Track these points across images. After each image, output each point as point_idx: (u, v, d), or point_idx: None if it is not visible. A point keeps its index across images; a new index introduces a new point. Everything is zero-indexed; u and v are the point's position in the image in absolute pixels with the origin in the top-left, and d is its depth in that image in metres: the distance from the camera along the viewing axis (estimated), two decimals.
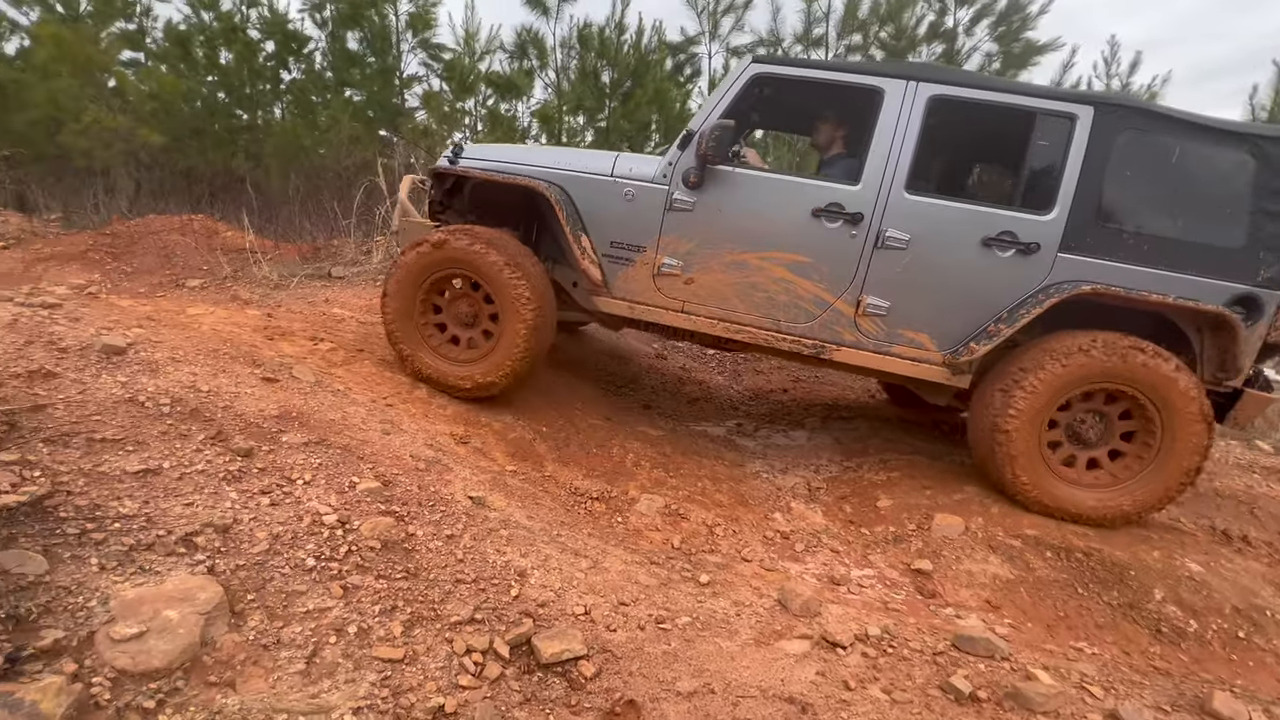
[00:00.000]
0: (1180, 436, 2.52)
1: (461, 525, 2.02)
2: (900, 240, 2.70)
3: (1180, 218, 2.51)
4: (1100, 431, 2.69)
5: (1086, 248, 2.58)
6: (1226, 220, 2.48)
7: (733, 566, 2.41)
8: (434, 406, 3.00)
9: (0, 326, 2.17)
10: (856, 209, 2.73)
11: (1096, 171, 2.53)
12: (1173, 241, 2.52)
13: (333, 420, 2.36)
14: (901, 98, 2.69)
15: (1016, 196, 2.71)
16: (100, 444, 1.77)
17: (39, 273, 5.79)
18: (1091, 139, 2.53)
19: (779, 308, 2.89)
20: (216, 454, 1.89)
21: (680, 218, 2.90)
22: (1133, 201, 2.55)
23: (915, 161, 2.70)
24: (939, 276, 2.71)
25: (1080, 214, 2.55)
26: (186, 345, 2.49)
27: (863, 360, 2.88)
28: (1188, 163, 2.48)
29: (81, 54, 7.91)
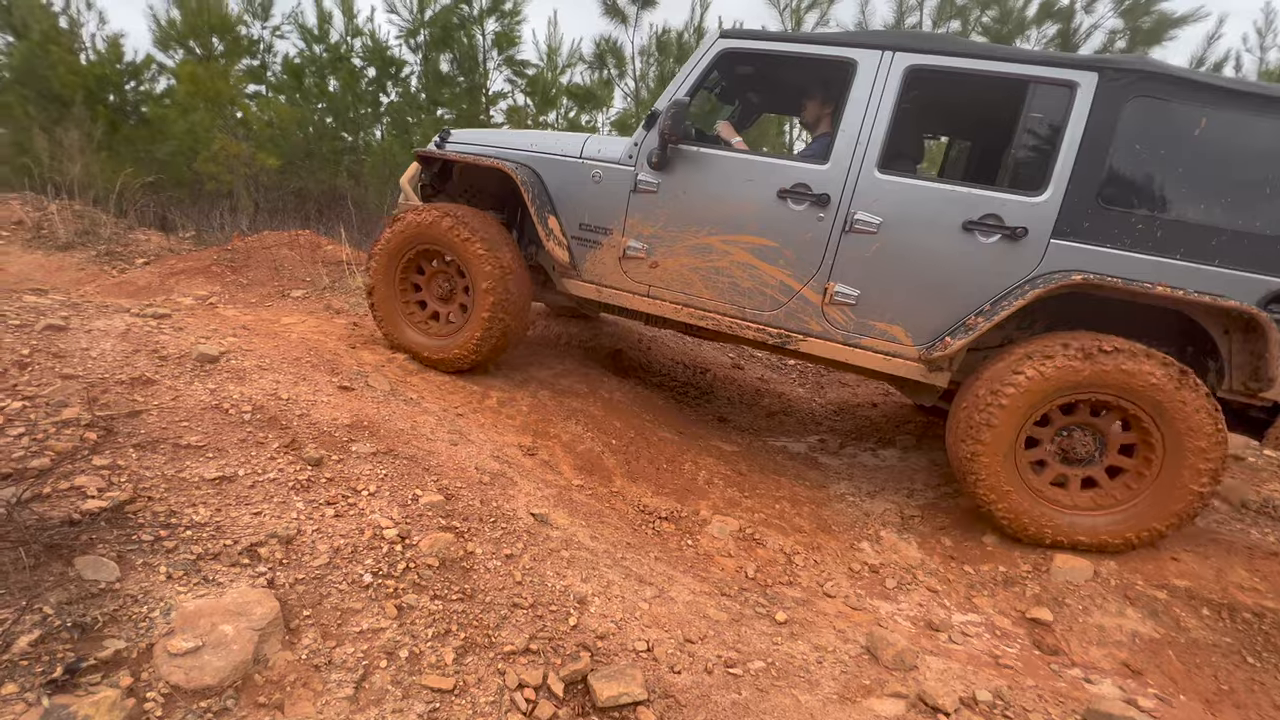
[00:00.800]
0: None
1: (522, 544, 1.94)
2: (870, 224, 2.47)
3: (1205, 200, 2.14)
4: (1093, 448, 2.35)
5: (1086, 233, 2.24)
6: (1266, 203, 2.08)
7: (814, 603, 2.18)
8: (503, 416, 2.97)
9: (114, 336, 2.34)
10: (823, 190, 2.52)
11: (1099, 146, 2.19)
12: (1195, 227, 2.15)
13: (402, 430, 2.36)
14: (876, 69, 2.45)
15: (1005, 176, 2.43)
16: (184, 450, 1.83)
17: (171, 285, 6.42)
18: (1094, 109, 2.19)
19: (743, 294, 2.72)
20: (288, 462, 1.92)
21: (645, 199, 2.80)
22: (1145, 180, 2.18)
23: (890, 138, 2.45)
24: (913, 263, 2.45)
25: (1078, 195, 2.22)
26: (274, 354, 2.60)
27: (831, 352, 2.67)
28: (1217, 135, 2.10)
29: (213, 89, 8.80)
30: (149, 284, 6.41)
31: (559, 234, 2.94)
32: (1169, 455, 2.19)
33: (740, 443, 3.63)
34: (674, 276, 2.83)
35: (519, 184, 2.92)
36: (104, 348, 2.23)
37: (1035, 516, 2.34)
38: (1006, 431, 2.29)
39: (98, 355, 2.17)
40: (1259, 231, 2.10)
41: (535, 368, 3.61)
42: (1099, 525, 2.30)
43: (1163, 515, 2.23)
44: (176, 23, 9.08)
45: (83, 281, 6.57)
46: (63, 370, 2.01)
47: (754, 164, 2.68)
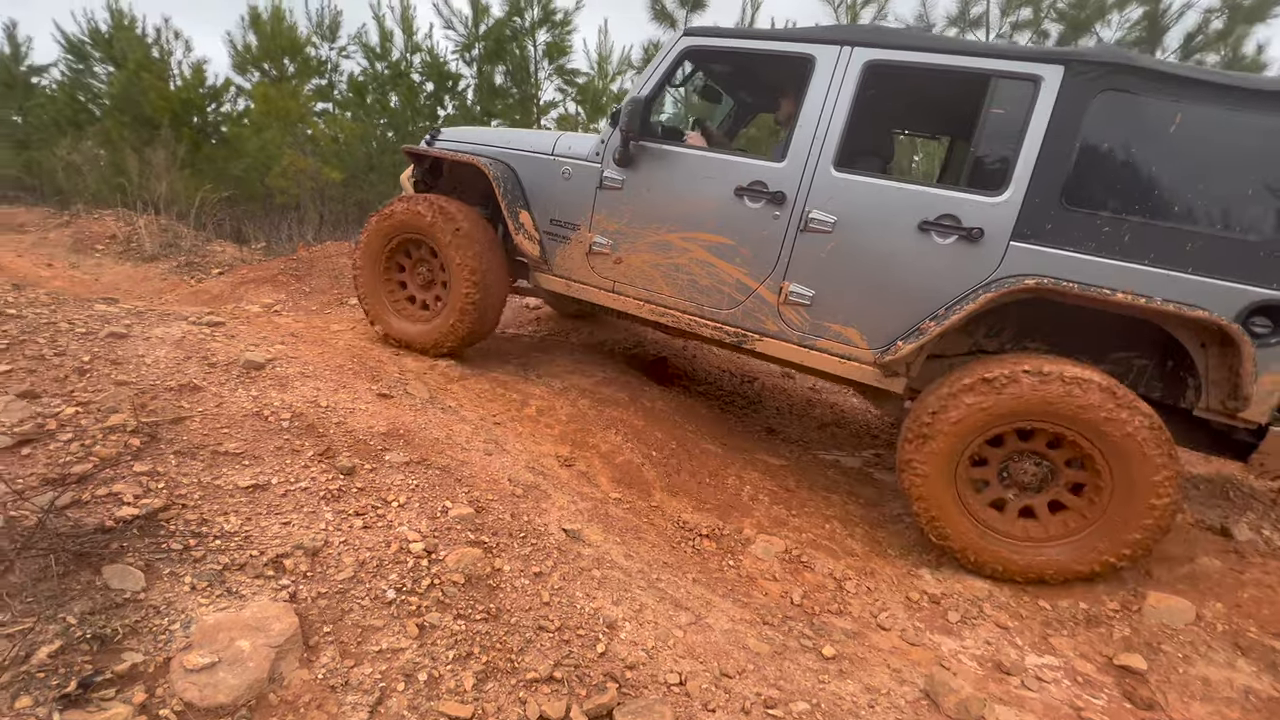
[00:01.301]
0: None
1: (551, 562, 1.86)
2: (825, 222, 2.42)
3: (1179, 201, 1.97)
4: (1038, 477, 2.23)
5: (1048, 236, 2.11)
6: (1248, 205, 1.91)
7: (866, 636, 2.00)
8: (541, 425, 2.92)
9: (170, 343, 2.42)
10: (779, 188, 2.49)
11: (1064, 144, 2.06)
12: (1167, 231, 1.99)
13: (437, 439, 2.33)
14: (834, 65, 2.40)
15: (964, 175, 2.34)
16: (222, 457, 1.85)
17: (240, 294, 6.77)
18: (1059, 104, 2.07)
19: (702, 291, 2.71)
20: (321, 471, 1.91)
21: (610, 196, 2.83)
22: (1112, 180, 2.04)
23: (846, 135, 2.39)
24: (868, 264, 2.37)
25: (1040, 195, 2.10)
26: (318, 361, 2.63)
27: (786, 353, 2.63)
28: (1194, 131, 1.95)
29: (284, 108, 9.29)
30: (221, 292, 6.77)
31: (530, 228, 3.00)
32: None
33: (789, 456, 3.45)
34: (637, 272, 2.84)
35: (491, 178, 2.99)
36: (158, 355, 2.30)
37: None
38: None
39: (152, 362, 2.24)
40: (1240, 237, 1.92)
41: (576, 375, 3.55)
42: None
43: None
44: (252, 47, 9.66)
45: (164, 291, 7.02)
46: (117, 377, 2.08)
47: (712, 161, 2.65)
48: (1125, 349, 2.23)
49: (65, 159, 9.26)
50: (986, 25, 7.59)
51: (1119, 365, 2.28)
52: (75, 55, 11.18)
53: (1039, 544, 2.20)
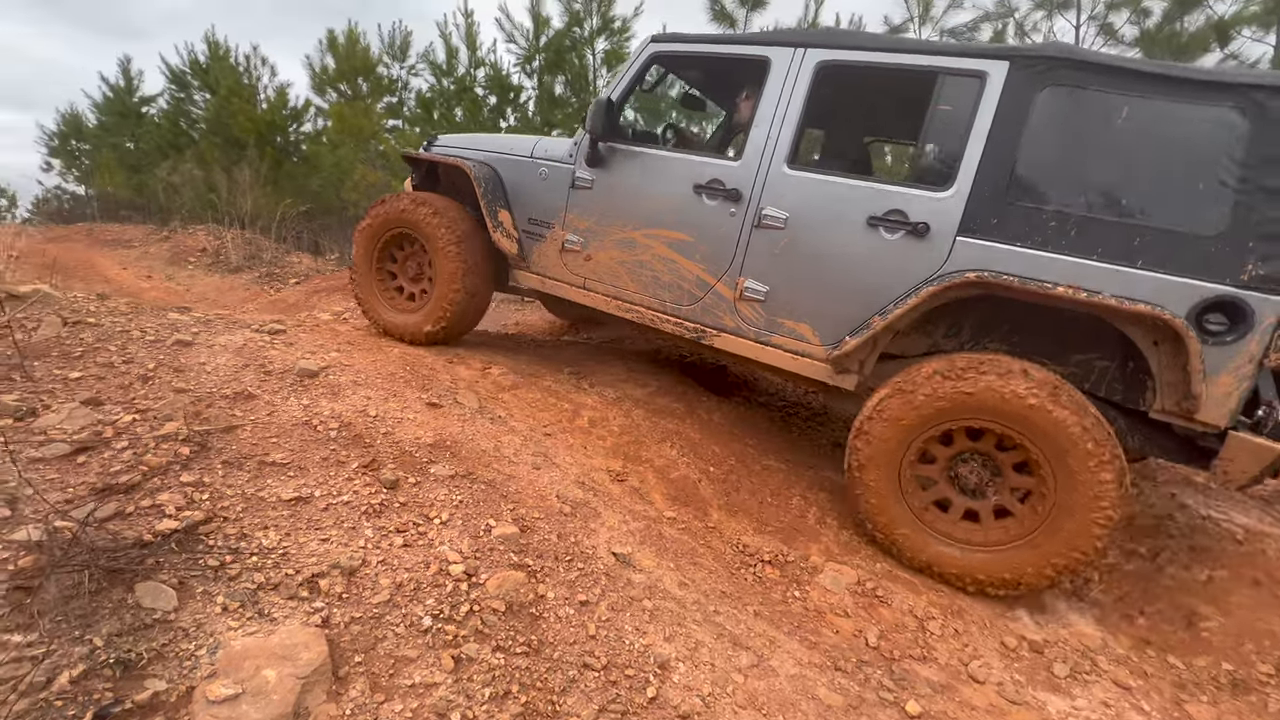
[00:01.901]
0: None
1: (599, 590, 1.71)
2: (778, 219, 2.46)
3: (1128, 195, 1.93)
4: (983, 479, 2.21)
5: (994, 231, 2.10)
6: (1200, 199, 1.85)
7: (956, 689, 1.74)
8: (594, 437, 2.79)
9: (231, 351, 2.45)
10: (734, 185, 2.54)
11: (1009, 138, 2.06)
12: (1116, 226, 1.94)
13: (484, 451, 2.24)
14: (788, 66, 2.45)
15: (913, 171, 2.39)
16: (268, 467, 1.81)
17: (314, 302, 7.07)
18: (1003, 100, 2.08)
19: (664, 287, 2.78)
20: (365, 484, 1.84)
21: (582, 195, 2.93)
22: (1059, 175, 2.02)
23: (799, 133, 2.44)
24: (819, 259, 2.40)
25: (986, 190, 2.10)
26: (371, 370, 2.61)
27: (743, 349, 2.64)
28: (1141, 124, 1.91)
29: (357, 125, 9.72)
30: (296, 301, 7.07)
31: (509, 227, 3.11)
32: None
33: None
34: (605, 269, 2.91)
35: (472, 179, 3.10)
36: (219, 362, 2.33)
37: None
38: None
39: (212, 370, 2.26)
40: (1190, 231, 1.85)
41: (630, 384, 3.41)
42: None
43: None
44: (329, 69, 10.16)
45: (246, 300, 7.42)
46: (177, 384, 2.10)
47: (673, 160, 2.72)
48: (1086, 350, 2.17)
49: (165, 179, 10.02)
50: (1077, 7, 6.99)
51: (1080, 367, 2.20)
52: (177, 85, 12.13)
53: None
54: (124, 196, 12.55)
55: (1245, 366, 1.80)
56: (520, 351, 3.92)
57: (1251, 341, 1.78)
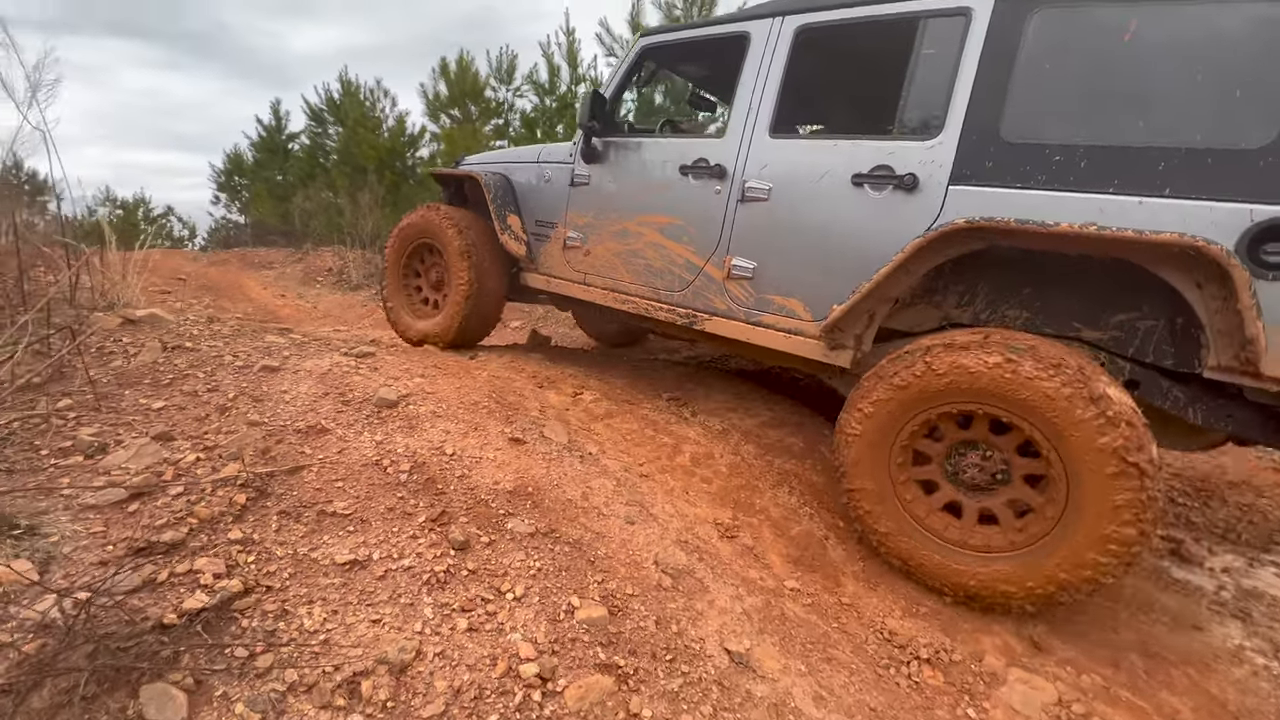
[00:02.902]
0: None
1: (710, 708, 1.29)
2: (762, 190, 2.33)
3: (1145, 116, 1.62)
4: (985, 473, 1.85)
5: (990, 175, 1.84)
6: (1239, 108, 1.51)
7: None
8: (697, 479, 2.38)
9: (314, 377, 2.30)
10: (719, 161, 2.46)
11: (1000, 75, 1.83)
12: (1134, 152, 1.63)
13: (570, 501, 1.90)
14: (767, 37, 2.38)
15: (897, 123, 2.08)
16: (327, 520, 1.57)
17: None
18: (990, 34, 1.85)
19: (656, 274, 2.70)
20: (430, 545, 1.55)
21: (581, 192, 2.94)
22: (1060, 105, 1.75)
23: (780, 101, 2.34)
24: (805, 227, 2.23)
25: (977, 133, 1.87)
26: (453, 398, 2.37)
27: (735, 331, 2.47)
28: (1158, 34, 1.62)
29: (466, 147, 10.03)
30: None
31: (517, 230, 3.15)
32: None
33: None
34: (602, 263, 2.88)
35: (483, 187, 3.19)
36: (300, 390, 2.17)
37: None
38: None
39: (291, 399, 2.11)
40: (1231, 146, 1.52)
41: (738, 413, 2.96)
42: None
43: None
44: (442, 95, 10.62)
45: (364, 316, 7.77)
46: (252, 416, 1.95)
47: (661, 145, 2.70)
48: (1125, 309, 1.84)
49: (301, 206, 10.91)
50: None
51: (1121, 329, 1.86)
52: (315, 121, 13.29)
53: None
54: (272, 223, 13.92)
55: None
56: (616, 371, 3.60)
57: None
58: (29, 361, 2.00)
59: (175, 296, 8.13)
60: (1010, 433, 1.80)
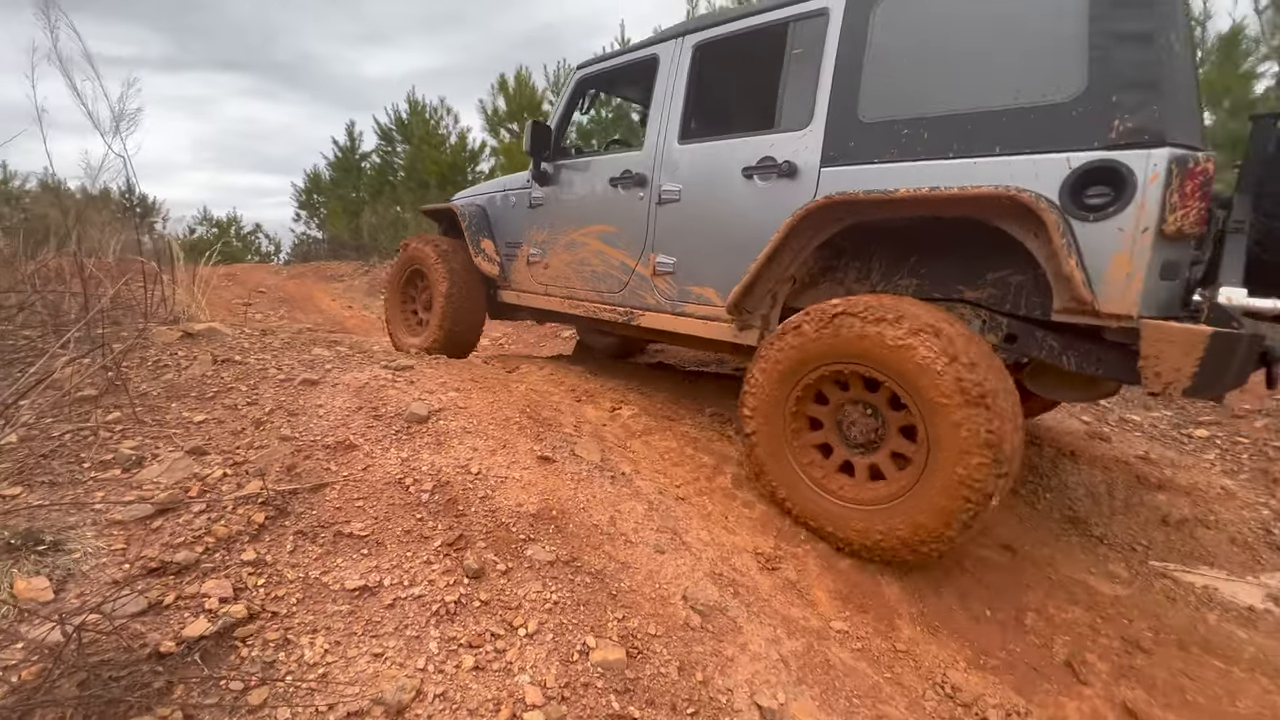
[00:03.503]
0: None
1: None
2: (674, 191, 2.59)
3: (980, 81, 1.80)
4: (869, 430, 1.96)
5: (851, 155, 2.05)
6: (1055, 66, 1.68)
7: None
8: (737, 504, 2.22)
9: (351, 391, 2.30)
10: (640, 170, 2.73)
11: (854, 63, 2.05)
12: (964, 117, 1.82)
13: (596, 526, 1.79)
14: (673, 56, 2.65)
15: (777, 117, 2.32)
16: (343, 541, 1.53)
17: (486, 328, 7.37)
18: (844, 29, 2.08)
19: (599, 278, 2.94)
20: (443, 572, 1.48)
21: (538, 212, 3.25)
22: (905, 81, 1.95)
23: (685, 110, 2.60)
24: (710, 220, 2.46)
25: (840, 118, 2.08)
26: (485, 413, 2.32)
27: (664, 323, 2.67)
28: (975, 7, 1.82)
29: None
30: None
31: (490, 252, 3.49)
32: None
33: (1124, 573, 2.20)
34: (558, 274, 3.16)
35: (459, 216, 3.57)
36: (335, 404, 2.18)
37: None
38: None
39: (325, 413, 2.11)
40: (1047, 102, 1.68)
41: None
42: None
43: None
44: (500, 111, 10.88)
45: None
46: (285, 431, 1.95)
47: (596, 162, 2.99)
48: (999, 267, 1.91)
49: (369, 221, 11.43)
50: None
51: (997, 286, 1.94)
52: (384, 139, 13.94)
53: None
54: (345, 238, 14.70)
55: (1139, 238, 1.55)
56: (660, 384, 3.48)
57: (1138, 207, 1.54)
58: (90, 374, 2.10)
59: (255, 308, 8.65)
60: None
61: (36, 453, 1.73)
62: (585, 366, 3.50)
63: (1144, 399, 3.81)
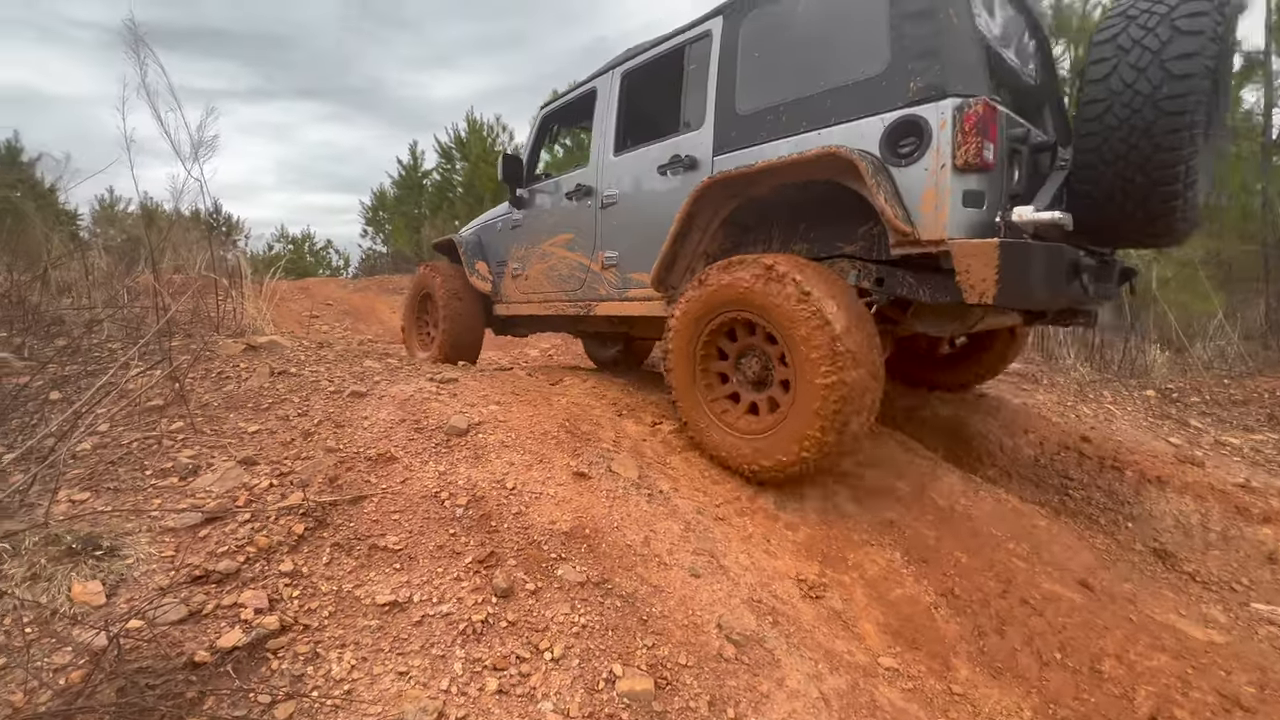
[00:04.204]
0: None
1: None
2: (614, 196, 3.03)
3: (818, 70, 2.23)
4: (760, 369, 2.28)
5: (734, 142, 2.47)
6: (867, 49, 2.10)
7: None
8: (779, 525, 2.12)
9: (395, 404, 2.35)
10: (588, 183, 3.20)
11: (731, 68, 2.51)
12: (812, 98, 2.23)
13: (630, 546, 1.74)
14: (607, 86, 3.18)
15: (681, 122, 2.78)
16: (378, 554, 1.55)
17: (532, 340, 7.49)
18: (722, 45, 2.55)
19: (565, 280, 3.38)
20: (472, 590, 1.47)
21: (517, 232, 3.74)
22: (767, 78, 2.39)
23: (618, 128, 3.08)
24: (640, 215, 2.89)
25: (724, 114, 2.52)
26: (525, 426, 2.32)
27: (614, 309, 3.08)
28: (820, 10, 2.26)
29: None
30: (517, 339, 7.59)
31: (484, 272, 4.01)
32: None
33: (1221, 617, 1.97)
34: (535, 282, 3.61)
35: (456, 244, 4.13)
36: (379, 417, 2.23)
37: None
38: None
39: (369, 425, 2.16)
40: (865, 77, 2.09)
41: None
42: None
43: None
44: None
45: None
46: (330, 443, 2.01)
47: (557, 181, 3.47)
48: (864, 223, 2.23)
49: (430, 235, 11.89)
50: None
51: (866, 239, 2.24)
52: (445, 158, 14.51)
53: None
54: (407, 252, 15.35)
55: (940, 174, 1.88)
56: None
57: (935, 149, 1.89)
58: (158, 385, 2.23)
59: (321, 320, 9.12)
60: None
61: (106, 459, 1.84)
62: (629, 380, 3.47)
63: (1241, 419, 3.45)
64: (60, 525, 1.42)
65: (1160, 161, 1.91)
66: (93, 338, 2.88)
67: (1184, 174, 1.91)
